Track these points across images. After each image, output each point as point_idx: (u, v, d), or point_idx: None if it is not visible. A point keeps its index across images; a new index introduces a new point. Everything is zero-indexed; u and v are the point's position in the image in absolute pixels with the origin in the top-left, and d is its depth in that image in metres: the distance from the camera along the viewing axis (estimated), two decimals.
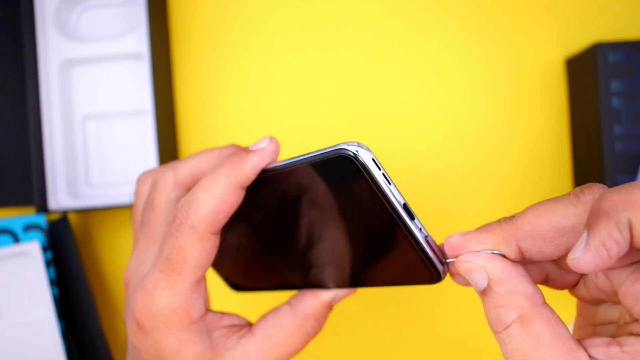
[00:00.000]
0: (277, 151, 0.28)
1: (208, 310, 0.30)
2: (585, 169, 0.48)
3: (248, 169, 0.27)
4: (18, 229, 0.49)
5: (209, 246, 0.28)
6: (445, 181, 0.51)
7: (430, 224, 0.51)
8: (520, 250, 0.23)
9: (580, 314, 0.27)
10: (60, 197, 0.49)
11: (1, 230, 0.49)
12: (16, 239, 0.49)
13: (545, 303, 0.23)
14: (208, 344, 0.29)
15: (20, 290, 0.48)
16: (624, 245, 0.20)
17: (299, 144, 0.52)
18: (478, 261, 0.24)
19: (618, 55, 0.45)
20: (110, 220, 0.53)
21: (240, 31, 0.53)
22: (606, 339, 0.22)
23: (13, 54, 0.52)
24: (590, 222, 0.20)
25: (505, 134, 0.51)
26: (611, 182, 0.45)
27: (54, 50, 0.50)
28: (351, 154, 0.24)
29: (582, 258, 0.20)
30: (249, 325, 0.31)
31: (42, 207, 0.48)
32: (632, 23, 0.51)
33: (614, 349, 0.22)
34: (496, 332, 0.23)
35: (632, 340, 0.21)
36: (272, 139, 0.29)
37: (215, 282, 0.40)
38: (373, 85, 0.52)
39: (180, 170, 0.30)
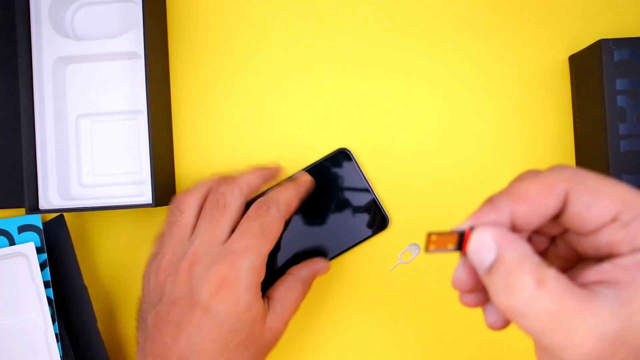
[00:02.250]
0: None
1: None
2: (590, 168, 0.48)
3: (304, 187, 0.46)
4: (13, 229, 0.48)
5: (282, 227, 0.41)
6: (447, 180, 0.51)
7: (430, 224, 0.50)
8: (513, 220, 0.26)
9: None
10: (51, 198, 0.49)
11: None
12: (11, 240, 0.48)
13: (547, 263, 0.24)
14: (262, 304, 0.39)
15: (15, 292, 0.48)
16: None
17: (296, 144, 0.51)
18: (484, 235, 0.25)
19: (623, 53, 0.44)
20: (106, 220, 0.52)
21: (238, 31, 0.52)
22: (593, 262, 0.24)
23: (6, 50, 0.51)
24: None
25: (508, 132, 0.50)
26: None
27: (48, 47, 0.49)
28: (347, 149, 0.49)
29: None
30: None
31: (33, 208, 0.48)
32: (637, 20, 0.50)
33: (605, 266, 0.24)
34: (511, 306, 0.23)
35: (624, 259, 0.24)
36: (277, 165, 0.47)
37: None
38: (373, 85, 0.51)
39: (242, 184, 0.42)
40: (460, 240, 0.26)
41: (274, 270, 0.49)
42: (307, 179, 0.46)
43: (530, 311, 0.23)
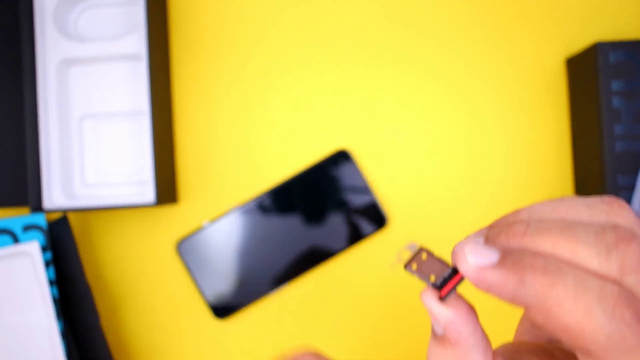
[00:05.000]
0: None
1: None
2: (586, 169, 0.48)
3: None
4: (17, 229, 0.49)
5: None
6: (445, 181, 0.51)
7: (428, 225, 0.51)
8: None
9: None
10: (55, 197, 0.49)
11: (0, 231, 0.49)
12: (15, 239, 0.49)
13: None
14: None
15: (20, 291, 0.48)
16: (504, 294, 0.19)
17: (297, 144, 0.52)
18: (440, 313, 0.21)
19: (619, 55, 0.45)
20: (109, 220, 0.53)
21: (239, 33, 0.53)
22: None
23: (11, 52, 0.52)
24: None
25: (505, 134, 0.51)
26: (612, 182, 0.44)
27: (52, 49, 0.50)
28: (346, 150, 0.50)
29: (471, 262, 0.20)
30: None
31: (37, 207, 0.48)
32: (632, 23, 0.50)
33: None
34: None
35: None
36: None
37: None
38: (372, 86, 0.52)
39: None
40: (446, 278, 0.21)
41: (273, 272, 0.50)
42: None
43: None
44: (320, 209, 0.50)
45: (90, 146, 0.51)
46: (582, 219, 0.20)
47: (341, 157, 0.51)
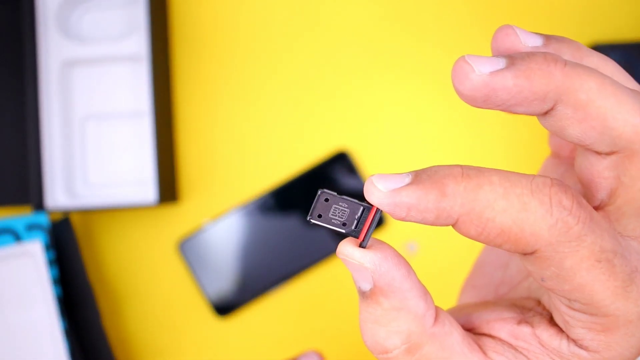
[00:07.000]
0: None
1: None
2: None
3: None
4: (20, 228, 0.49)
5: None
6: None
7: (425, 228, 0.51)
8: None
9: None
10: (57, 196, 0.50)
11: (3, 230, 0.49)
12: (18, 239, 0.49)
13: (436, 320, 0.18)
14: None
15: (23, 290, 0.49)
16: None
17: (297, 146, 0.52)
18: (363, 259, 0.17)
19: (617, 57, 0.45)
20: (110, 219, 0.53)
21: (240, 34, 0.53)
22: (515, 316, 0.19)
23: (14, 53, 0.52)
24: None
25: (503, 135, 0.51)
26: None
27: (54, 50, 0.50)
28: (345, 151, 0.51)
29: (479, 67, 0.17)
30: None
31: (39, 206, 0.49)
32: (630, 25, 0.51)
33: (525, 330, 0.19)
34: (374, 348, 0.18)
35: (547, 332, 0.18)
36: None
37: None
38: (373, 88, 0.52)
39: None
40: (360, 217, 0.18)
41: (274, 270, 0.51)
42: None
43: None
44: None
45: (92, 146, 0.52)
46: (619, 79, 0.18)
47: (341, 159, 0.51)
